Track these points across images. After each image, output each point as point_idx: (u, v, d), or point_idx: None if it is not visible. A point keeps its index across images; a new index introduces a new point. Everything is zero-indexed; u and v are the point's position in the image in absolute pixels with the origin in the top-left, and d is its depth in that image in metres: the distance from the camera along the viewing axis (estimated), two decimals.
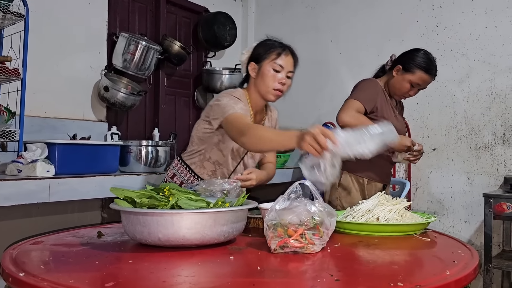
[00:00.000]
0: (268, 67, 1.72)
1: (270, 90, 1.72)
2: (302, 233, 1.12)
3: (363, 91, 2.12)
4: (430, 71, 2.07)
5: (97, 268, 1.00)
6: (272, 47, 1.74)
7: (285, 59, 1.73)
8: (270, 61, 1.72)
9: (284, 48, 1.75)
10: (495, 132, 2.92)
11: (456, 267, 1.02)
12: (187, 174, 1.83)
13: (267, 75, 1.72)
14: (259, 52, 1.76)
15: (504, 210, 2.41)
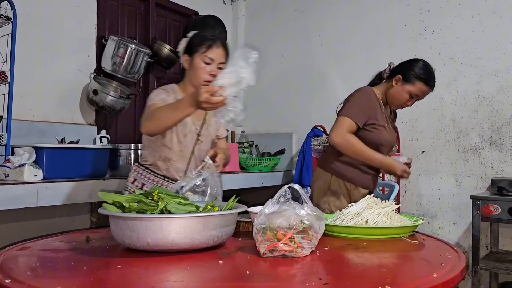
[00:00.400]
0: (199, 60, 1.77)
1: (201, 82, 1.77)
2: (291, 236, 1.12)
3: (355, 106, 2.08)
4: (430, 83, 2.09)
5: (85, 274, 1.00)
6: (204, 40, 1.79)
7: (216, 51, 1.78)
8: (201, 54, 1.77)
9: (214, 40, 1.79)
10: (482, 134, 2.96)
11: (443, 270, 1.03)
12: (147, 175, 1.85)
13: (198, 67, 1.78)
14: (191, 45, 1.81)
15: (492, 212, 2.44)
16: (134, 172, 1.89)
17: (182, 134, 1.82)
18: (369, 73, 3.45)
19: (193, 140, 1.85)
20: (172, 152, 1.83)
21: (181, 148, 1.83)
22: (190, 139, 1.84)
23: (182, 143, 1.82)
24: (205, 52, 1.77)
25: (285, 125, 3.90)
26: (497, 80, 2.91)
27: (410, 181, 3.22)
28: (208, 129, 1.89)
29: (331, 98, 3.65)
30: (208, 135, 1.90)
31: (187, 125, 1.82)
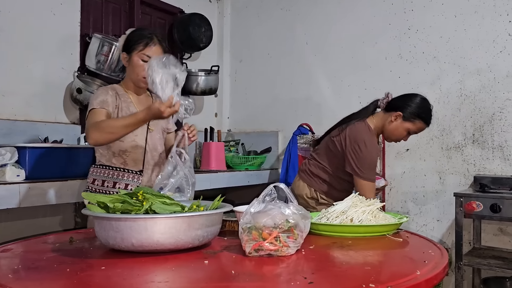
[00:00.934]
0: (137, 58, 1.83)
1: (140, 79, 1.83)
2: (277, 236, 1.13)
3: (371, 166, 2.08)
4: (429, 121, 2.14)
5: (68, 276, 0.98)
6: (141, 38, 1.83)
7: (153, 49, 1.83)
8: (138, 51, 1.82)
9: (151, 38, 1.84)
10: (465, 132, 3.00)
11: (427, 267, 1.04)
12: (105, 172, 1.85)
13: (136, 65, 1.83)
14: (129, 43, 1.85)
15: (474, 209, 2.48)
16: (92, 173, 1.88)
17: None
18: (354, 72, 3.49)
19: (144, 130, 1.88)
20: (125, 144, 1.85)
21: (133, 138, 1.86)
22: (140, 128, 1.84)
23: (134, 132, 1.83)
24: (143, 50, 1.82)
25: (271, 124, 3.91)
26: (479, 78, 2.96)
27: (395, 178, 3.26)
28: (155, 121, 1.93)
29: (316, 97, 3.67)
30: (157, 124, 1.94)
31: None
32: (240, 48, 4.13)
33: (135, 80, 1.88)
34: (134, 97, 1.92)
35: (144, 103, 1.93)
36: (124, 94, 1.90)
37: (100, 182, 1.85)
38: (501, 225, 2.84)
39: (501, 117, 2.87)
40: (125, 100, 1.88)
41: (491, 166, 2.90)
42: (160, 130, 1.98)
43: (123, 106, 1.86)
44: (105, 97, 1.82)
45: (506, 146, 2.85)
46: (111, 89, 1.88)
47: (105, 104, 1.80)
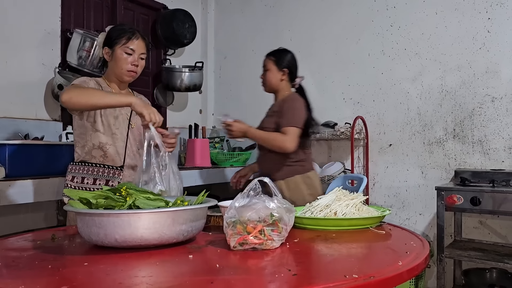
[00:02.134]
0: (120, 51, 1.84)
1: (124, 72, 1.85)
2: (261, 229, 1.13)
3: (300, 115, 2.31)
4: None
5: (50, 273, 0.97)
6: (123, 32, 1.85)
7: (136, 42, 1.86)
8: (122, 45, 1.84)
9: (134, 32, 1.87)
10: (446, 127, 3.05)
11: (408, 258, 1.06)
12: (84, 168, 1.83)
13: (120, 58, 1.84)
14: (110, 37, 1.86)
15: (455, 202, 2.53)
16: (71, 171, 1.85)
17: (112, 116, 1.85)
18: (337, 68, 3.52)
19: (125, 125, 1.89)
20: (105, 137, 1.84)
21: (114, 131, 1.85)
22: (122, 122, 1.86)
23: (115, 125, 1.85)
24: (126, 44, 1.84)
25: (256, 120, 3.90)
26: (459, 75, 3.01)
27: (378, 173, 3.30)
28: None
29: None
30: (138, 121, 1.90)
31: (116, 108, 1.85)
32: (225, 44, 4.12)
33: (118, 73, 1.87)
34: (116, 91, 1.91)
35: None
36: (106, 87, 1.89)
37: (79, 179, 1.82)
38: (481, 217, 2.90)
39: (481, 113, 2.93)
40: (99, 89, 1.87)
41: (471, 160, 2.96)
42: (140, 127, 1.94)
43: None
44: (89, 82, 1.82)
45: (486, 141, 2.91)
46: (94, 81, 1.87)
47: (85, 85, 1.79)
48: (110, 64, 1.88)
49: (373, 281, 0.88)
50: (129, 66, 1.85)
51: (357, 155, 3.33)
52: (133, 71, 1.87)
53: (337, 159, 3.43)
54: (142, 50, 1.88)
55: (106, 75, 1.93)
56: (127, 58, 1.84)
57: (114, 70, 1.87)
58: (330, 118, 3.46)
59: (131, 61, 1.85)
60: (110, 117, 1.84)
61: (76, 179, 1.82)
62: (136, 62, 1.86)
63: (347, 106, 3.45)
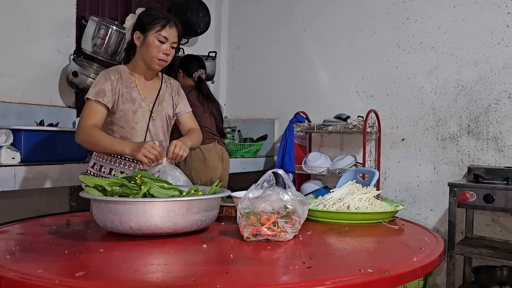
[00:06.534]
0: (153, 38, 1.79)
1: (154, 60, 1.81)
2: (275, 221, 1.13)
3: None
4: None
5: (66, 258, 0.98)
6: (157, 19, 1.81)
7: (169, 31, 1.81)
8: (155, 32, 1.79)
9: (168, 20, 1.82)
10: (461, 123, 3.02)
11: (423, 254, 1.05)
12: (105, 157, 1.79)
13: (152, 45, 1.79)
14: (143, 22, 1.81)
15: (468, 199, 2.51)
16: (94, 157, 1.83)
17: (131, 111, 1.82)
18: (351, 60, 3.48)
19: (146, 117, 1.85)
20: (125, 131, 1.82)
21: (133, 125, 1.83)
22: (141, 115, 1.83)
23: (134, 120, 1.82)
24: (160, 31, 1.79)
25: (267, 111, 3.90)
26: (476, 70, 2.96)
27: (390, 168, 3.28)
28: (162, 105, 1.91)
29: (314, 85, 3.66)
30: (162, 112, 1.91)
31: (135, 101, 1.83)
32: (238, 34, 4.10)
33: (148, 61, 1.82)
34: (140, 80, 1.87)
35: (150, 88, 1.88)
36: (128, 78, 1.84)
37: (98, 167, 1.80)
38: (494, 215, 2.88)
39: (497, 109, 2.89)
40: (128, 84, 1.83)
41: (485, 157, 2.92)
42: (164, 118, 1.92)
43: (124, 92, 1.81)
44: (103, 85, 1.77)
45: (501, 138, 2.87)
46: (114, 73, 1.82)
47: (101, 95, 1.75)
48: (141, 50, 1.83)
49: (387, 276, 0.88)
50: (160, 55, 1.80)
51: (369, 149, 3.31)
52: (164, 60, 1.82)
53: (349, 152, 3.41)
54: (174, 39, 1.82)
55: (133, 61, 1.88)
56: (160, 46, 1.79)
57: (144, 57, 1.82)
58: (343, 111, 3.44)
59: (163, 50, 1.79)
60: (129, 112, 1.81)
61: (96, 166, 1.81)
62: (168, 51, 1.81)
63: (360, 99, 3.42)
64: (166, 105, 1.92)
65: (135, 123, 1.83)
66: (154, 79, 1.93)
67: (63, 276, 0.84)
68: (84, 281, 0.82)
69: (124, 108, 1.81)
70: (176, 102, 1.98)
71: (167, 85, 1.96)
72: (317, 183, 3.37)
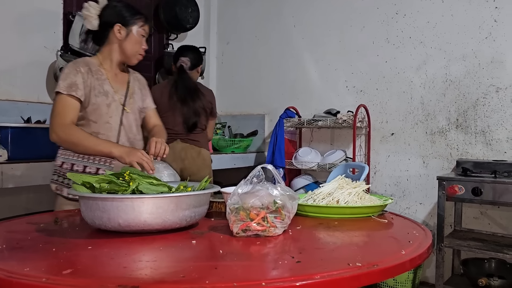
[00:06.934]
0: (137, 32, 1.79)
1: (136, 55, 1.82)
2: (264, 216, 1.13)
3: None
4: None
5: (54, 255, 0.97)
6: (138, 13, 1.82)
7: (147, 27, 1.84)
8: (139, 27, 1.80)
9: (146, 15, 1.86)
10: (449, 117, 3.04)
11: (411, 247, 1.06)
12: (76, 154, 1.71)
13: (136, 40, 1.79)
14: (125, 16, 1.78)
15: (456, 192, 2.53)
16: (61, 156, 1.73)
17: (104, 104, 1.74)
18: (341, 56, 3.49)
19: (119, 111, 1.79)
20: (98, 125, 1.74)
21: (107, 119, 1.75)
22: (115, 109, 1.77)
23: (108, 113, 1.75)
24: (143, 26, 1.81)
25: (257, 107, 3.90)
26: (464, 64, 2.99)
27: (379, 162, 3.30)
28: (134, 98, 1.87)
29: (303, 80, 3.67)
30: (134, 104, 1.86)
31: (108, 94, 1.76)
32: (227, 30, 4.08)
33: (130, 55, 1.79)
34: (110, 73, 1.80)
35: (120, 81, 1.83)
36: (98, 70, 1.76)
37: (69, 165, 1.70)
38: (482, 208, 2.91)
39: (485, 103, 2.92)
40: (99, 77, 1.75)
41: (474, 150, 2.96)
42: (136, 111, 1.87)
43: (96, 85, 1.73)
44: (74, 78, 1.68)
45: (489, 131, 2.90)
46: (83, 65, 1.73)
47: (73, 89, 1.66)
48: (121, 43, 1.77)
49: (376, 269, 0.88)
50: (141, 50, 1.81)
51: (359, 144, 3.32)
52: (143, 55, 1.83)
53: (339, 147, 3.42)
54: (147, 35, 1.84)
55: (105, 53, 1.80)
56: (142, 41, 1.80)
57: (126, 51, 1.78)
58: (333, 106, 3.45)
59: (144, 45, 1.81)
60: (102, 105, 1.74)
61: (65, 165, 1.71)
62: (145, 46, 1.83)
63: (350, 94, 3.43)
64: (137, 98, 1.88)
65: (109, 117, 1.75)
66: (122, 72, 1.87)
67: (51, 274, 0.83)
68: (72, 278, 0.81)
69: (97, 102, 1.72)
70: (144, 97, 1.93)
71: (134, 78, 1.92)
72: (307, 178, 3.38)
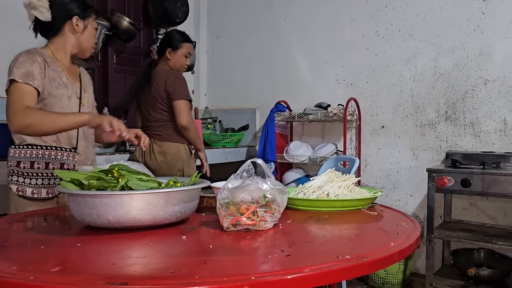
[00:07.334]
0: (92, 27, 1.81)
1: (90, 48, 1.83)
2: (254, 210, 1.13)
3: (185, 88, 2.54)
4: (191, 39, 2.64)
5: (42, 253, 0.97)
6: (91, 6, 1.81)
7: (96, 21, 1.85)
8: (93, 20, 1.81)
9: (97, 10, 1.86)
10: (439, 110, 3.06)
11: (400, 239, 1.07)
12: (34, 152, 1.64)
13: (92, 33, 1.81)
14: (82, 8, 1.77)
15: (446, 184, 2.56)
16: (14, 156, 1.64)
17: (66, 97, 1.69)
18: (331, 49, 3.49)
19: (77, 104, 1.75)
20: None
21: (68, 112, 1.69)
22: (74, 102, 1.73)
23: (69, 106, 1.70)
24: (96, 19, 1.83)
25: (248, 101, 3.89)
26: (453, 57, 3.00)
27: (370, 155, 3.31)
28: (88, 92, 1.86)
29: (294, 74, 3.66)
30: (88, 98, 1.84)
31: (68, 87, 1.72)
32: (217, 24, 4.06)
33: (86, 48, 1.79)
34: (65, 66, 1.74)
35: (73, 73, 1.79)
36: (53, 61, 1.69)
37: (28, 164, 1.63)
38: (471, 199, 2.94)
39: (473, 95, 2.94)
40: (55, 69, 1.68)
41: (463, 142, 2.98)
42: (90, 105, 1.85)
43: (54, 76, 1.66)
44: (31, 67, 1.59)
45: (477, 123, 2.93)
46: (38, 55, 1.64)
47: (30, 78, 1.57)
48: (78, 37, 1.74)
49: (365, 262, 0.89)
50: (94, 44, 1.84)
51: (350, 137, 3.33)
52: (95, 48, 1.87)
53: (330, 140, 3.43)
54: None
55: (58, 45, 1.73)
56: (96, 35, 1.84)
57: (83, 44, 1.76)
58: (323, 100, 3.45)
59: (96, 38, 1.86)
60: (64, 97, 1.68)
61: (23, 164, 1.63)
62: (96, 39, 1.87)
63: (340, 87, 3.44)
64: (89, 92, 1.87)
65: (70, 110, 1.70)
66: (73, 65, 1.82)
67: (39, 272, 0.82)
68: (60, 276, 0.80)
69: (59, 94, 1.66)
70: (91, 92, 1.91)
71: (83, 72, 1.89)
72: (299, 172, 3.39)
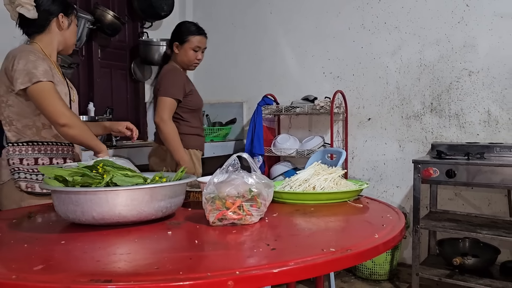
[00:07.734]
0: (74, 23, 1.84)
1: (73, 45, 1.87)
2: (240, 205, 1.13)
3: (172, 85, 2.31)
4: (201, 31, 2.44)
5: (25, 252, 0.96)
6: (69, 3, 1.83)
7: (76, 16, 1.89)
8: (75, 17, 1.85)
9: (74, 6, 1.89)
10: (424, 101, 3.09)
11: (384, 230, 1.08)
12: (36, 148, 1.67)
13: (75, 30, 1.85)
14: (66, 6, 1.80)
15: (431, 175, 2.58)
16: (15, 153, 1.65)
17: (63, 93, 1.73)
18: (317, 42, 3.49)
19: (68, 101, 1.78)
20: None
21: None
22: (68, 99, 1.78)
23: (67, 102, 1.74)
24: (76, 16, 1.86)
25: (235, 94, 3.88)
26: (438, 49, 3.03)
27: (357, 147, 3.34)
28: (74, 88, 1.90)
29: (281, 67, 3.66)
30: (75, 95, 1.88)
31: (64, 83, 1.77)
32: (203, 17, 4.03)
33: (70, 45, 1.85)
34: (54, 63, 1.77)
35: (59, 70, 1.82)
36: (46, 58, 1.71)
37: (31, 161, 1.66)
38: (456, 189, 2.99)
39: (458, 86, 2.97)
40: (49, 65, 1.70)
41: (448, 133, 3.02)
42: (76, 102, 1.89)
43: (53, 73, 1.69)
44: (44, 65, 1.64)
45: (462, 114, 2.96)
46: (37, 52, 1.69)
47: (49, 75, 1.62)
48: (64, 33, 1.79)
49: (350, 254, 0.89)
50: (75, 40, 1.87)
51: (337, 129, 3.35)
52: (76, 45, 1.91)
53: (317, 133, 3.45)
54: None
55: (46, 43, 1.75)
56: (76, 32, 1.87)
57: (67, 40, 1.82)
58: (310, 93, 3.46)
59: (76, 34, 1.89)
60: (62, 94, 1.70)
61: (26, 161, 1.65)
62: None
63: (327, 80, 3.45)
64: (75, 90, 1.90)
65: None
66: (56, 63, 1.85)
67: (21, 271, 0.81)
68: (43, 274, 0.80)
69: (60, 91, 1.68)
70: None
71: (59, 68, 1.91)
72: (286, 165, 3.40)
